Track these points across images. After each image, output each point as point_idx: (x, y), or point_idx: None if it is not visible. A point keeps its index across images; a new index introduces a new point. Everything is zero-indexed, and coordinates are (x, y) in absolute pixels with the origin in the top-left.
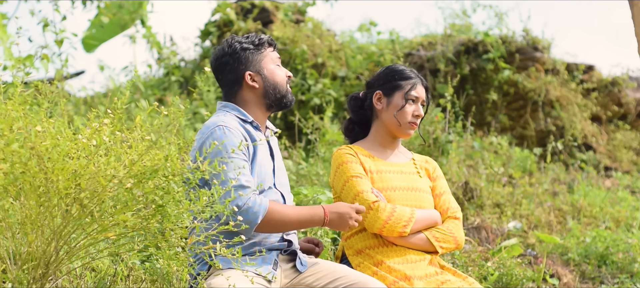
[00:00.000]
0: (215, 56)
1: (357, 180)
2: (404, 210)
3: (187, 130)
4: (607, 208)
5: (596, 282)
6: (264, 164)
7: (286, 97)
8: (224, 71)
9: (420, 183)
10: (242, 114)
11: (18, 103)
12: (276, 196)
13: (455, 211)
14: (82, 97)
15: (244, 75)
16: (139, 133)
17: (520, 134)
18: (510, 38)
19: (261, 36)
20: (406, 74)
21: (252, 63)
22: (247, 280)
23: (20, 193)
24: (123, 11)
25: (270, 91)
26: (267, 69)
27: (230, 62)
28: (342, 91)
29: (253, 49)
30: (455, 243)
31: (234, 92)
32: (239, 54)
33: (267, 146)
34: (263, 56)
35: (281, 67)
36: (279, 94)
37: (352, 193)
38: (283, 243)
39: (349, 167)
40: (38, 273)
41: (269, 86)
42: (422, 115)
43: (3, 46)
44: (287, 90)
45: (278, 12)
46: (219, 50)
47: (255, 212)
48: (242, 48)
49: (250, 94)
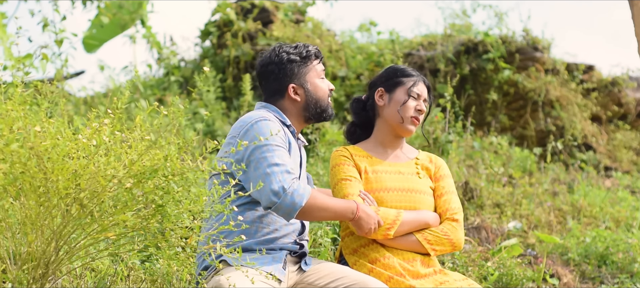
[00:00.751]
0: (261, 63)
1: (346, 183)
2: (388, 212)
3: (186, 130)
4: (607, 208)
5: (596, 282)
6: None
7: (326, 112)
8: (268, 79)
9: (418, 184)
10: (282, 117)
11: (18, 103)
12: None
13: (454, 213)
14: (82, 97)
15: (287, 87)
16: (138, 133)
17: (520, 134)
18: (510, 38)
19: (309, 48)
20: (408, 72)
21: (297, 76)
22: (247, 280)
23: (20, 193)
24: (123, 11)
25: (311, 105)
26: (310, 83)
27: (275, 71)
28: (342, 91)
29: (299, 62)
30: (451, 245)
31: (275, 100)
32: (285, 65)
33: (299, 154)
34: (308, 69)
35: (325, 80)
36: (319, 109)
37: (340, 196)
38: (296, 246)
39: (340, 170)
40: (38, 273)
41: (311, 100)
42: (425, 110)
43: (3, 46)
44: (328, 104)
45: (278, 12)
46: (266, 57)
47: (300, 194)
48: (289, 60)
49: (291, 106)
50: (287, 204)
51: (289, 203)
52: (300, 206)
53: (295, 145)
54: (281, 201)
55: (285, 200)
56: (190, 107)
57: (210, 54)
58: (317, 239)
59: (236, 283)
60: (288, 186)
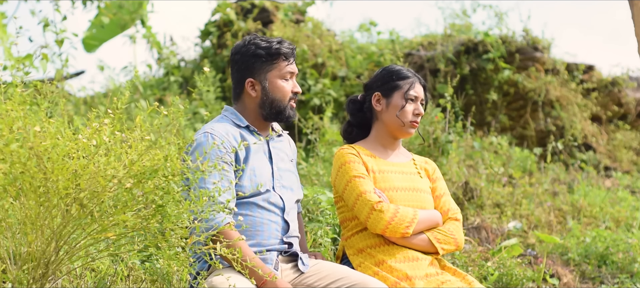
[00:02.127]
0: (232, 50)
1: (359, 180)
2: (406, 210)
3: (186, 130)
4: (607, 208)
5: (596, 282)
6: (259, 167)
7: (283, 113)
8: (232, 68)
9: (421, 184)
10: (238, 119)
11: (17, 103)
12: (275, 199)
13: (455, 213)
14: (82, 97)
15: (245, 81)
16: (138, 133)
17: (520, 134)
18: (510, 38)
19: (280, 47)
20: (403, 73)
21: (257, 72)
22: (247, 280)
23: (20, 193)
24: (123, 11)
25: (266, 104)
26: (270, 82)
27: (239, 62)
28: (342, 91)
29: (264, 58)
30: (456, 244)
31: (237, 93)
32: (248, 58)
33: (267, 149)
34: (272, 67)
35: (290, 82)
36: (275, 110)
37: (355, 193)
38: (283, 245)
39: (352, 167)
40: (38, 273)
41: (266, 99)
42: (422, 113)
43: (3, 46)
44: (287, 106)
45: (278, 12)
46: (237, 45)
47: (210, 225)
48: (254, 54)
49: (249, 101)
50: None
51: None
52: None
53: (259, 146)
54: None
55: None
56: (190, 107)
57: (210, 54)
58: (317, 239)
59: (236, 284)
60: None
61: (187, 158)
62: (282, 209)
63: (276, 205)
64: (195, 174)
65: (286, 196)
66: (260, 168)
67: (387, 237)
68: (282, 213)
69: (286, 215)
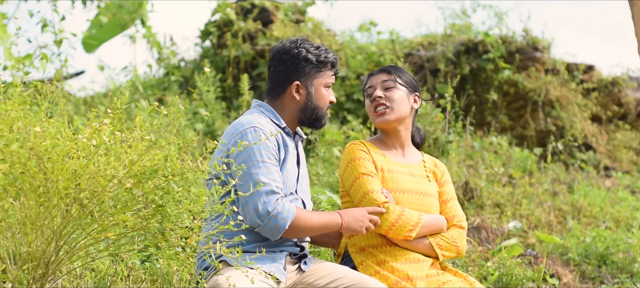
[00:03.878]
0: (278, 49)
1: (367, 178)
2: (412, 213)
3: (186, 130)
4: (607, 208)
5: (596, 282)
6: (290, 170)
7: (320, 121)
8: (278, 67)
9: (429, 188)
10: (276, 119)
11: (17, 103)
12: (297, 202)
13: (461, 220)
14: (82, 97)
15: (292, 82)
16: (138, 133)
17: (520, 134)
18: (510, 38)
19: (329, 56)
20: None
21: (306, 76)
22: (247, 280)
23: (20, 193)
24: (123, 11)
25: (309, 109)
26: (315, 88)
27: (288, 62)
28: (342, 91)
29: (314, 63)
30: (457, 251)
31: (277, 93)
32: (299, 61)
33: (296, 153)
34: (320, 74)
35: (330, 91)
36: (315, 116)
37: (361, 191)
38: (296, 247)
39: (361, 164)
40: (38, 273)
41: (309, 105)
42: (380, 95)
43: (3, 46)
44: (324, 114)
45: (278, 12)
46: (285, 45)
47: (284, 217)
48: (305, 58)
49: (290, 103)
50: (270, 227)
51: (272, 226)
52: (284, 229)
53: (292, 145)
54: (265, 224)
55: (268, 223)
56: (190, 107)
57: (210, 54)
58: None
59: (236, 283)
60: (272, 208)
61: (187, 158)
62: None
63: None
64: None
65: (306, 200)
66: (290, 171)
67: (390, 238)
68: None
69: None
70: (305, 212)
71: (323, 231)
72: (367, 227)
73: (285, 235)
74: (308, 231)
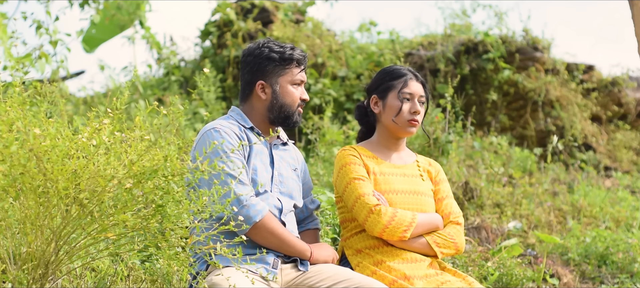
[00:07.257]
0: (245, 51)
1: (359, 183)
2: (405, 214)
3: (186, 130)
4: (607, 208)
5: (596, 282)
6: (260, 168)
7: (291, 119)
8: (244, 69)
9: (422, 187)
10: (243, 120)
11: (17, 104)
12: (273, 200)
13: (457, 217)
14: (82, 97)
15: (256, 83)
16: (138, 133)
17: (520, 134)
18: (510, 38)
19: (293, 53)
20: (397, 72)
21: (269, 75)
22: (247, 280)
23: (19, 194)
24: (122, 12)
25: (275, 108)
26: (281, 86)
27: (251, 64)
28: (342, 91)
29: (277, 62)
30: (456, 248)
31: (246, 94)
32: (261, 61)
33: (268, 154)
34: (284, 72)
35: (299, 88)
36: (283, 114)
37: (354, 196)
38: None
39: (352, 169)
40: (38, 273)
41: (275, 103)
42: (419, 111)
43: (3, 46)
44: (294, 112)
45: (278, 12)
46: (250, 47)
47: (256, 210)
48: (268, 57)
49: (258, 103)
50: (244, 218)
51: (245, 217)
52: (254, 221)
53: (262, 147)
54: (238, 211)
55: (241, 212)
56: (190, 107)
57: (210, 54)
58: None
59: (236, 284)
60: (244, 199)
61: (187, 158)
62: (280, 210)
63: (274, 206)
64: (195, 174)
65: (284, 200)
66: (261, 170)
67: (386, 240)
68: (279, 214)
69: (283, 216)
70: (278, 221)
71: (287, 248)
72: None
73: (254, 233)
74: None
